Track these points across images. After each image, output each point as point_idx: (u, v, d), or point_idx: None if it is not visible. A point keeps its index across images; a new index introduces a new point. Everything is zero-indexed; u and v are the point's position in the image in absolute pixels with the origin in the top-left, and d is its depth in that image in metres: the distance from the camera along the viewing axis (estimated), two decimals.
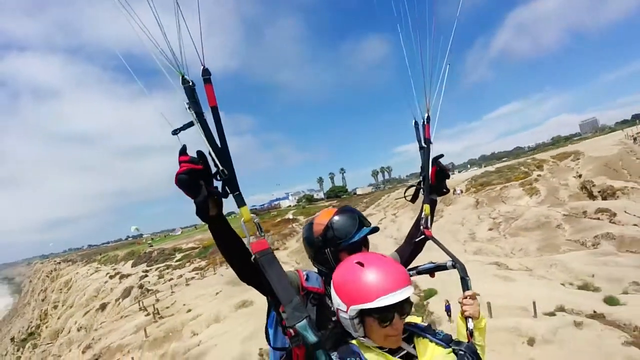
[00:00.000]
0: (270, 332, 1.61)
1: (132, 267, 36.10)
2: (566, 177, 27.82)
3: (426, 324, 1.45)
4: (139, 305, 23.78)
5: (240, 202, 1.29)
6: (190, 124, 1.26)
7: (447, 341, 1.37)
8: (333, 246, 1.64)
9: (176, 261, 33.73)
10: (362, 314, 1.26)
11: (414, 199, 2.15)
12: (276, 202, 70.01)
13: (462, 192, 33.26)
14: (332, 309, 1.39)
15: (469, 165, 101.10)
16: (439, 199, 2.11)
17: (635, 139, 32.39)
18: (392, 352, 1.31)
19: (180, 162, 1.20)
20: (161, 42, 1.21)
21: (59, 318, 33.23)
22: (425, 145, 2.04)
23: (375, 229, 1.73)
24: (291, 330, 1.26)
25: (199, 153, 1.21)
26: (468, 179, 35.37)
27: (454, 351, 1.34)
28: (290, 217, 44.96)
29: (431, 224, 1.99)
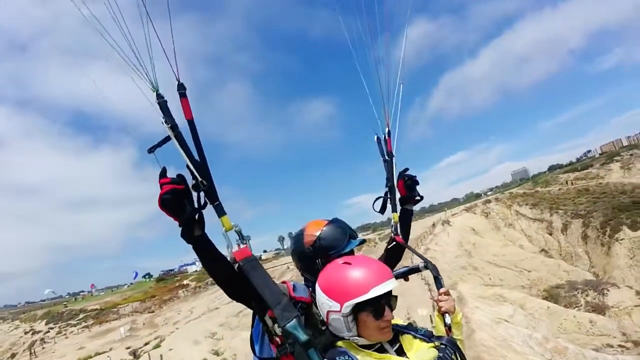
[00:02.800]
0: (256, 344, 1.62)
1: (45, 324, 46.71)
2: None
3: (406, 323, 1.58)
4: (31, 352, 35.60)
5: (221, 212, 1.37)
6: (167, 139, 1.34)
7: (428, 336, 1.50)
8: (324, 257, 1.69)
9: (77, 320, 45.11)
10: (356, 310, 1.33)
11: (382, 209, 2.27)
12: (184, 267, 75.50)
13: None
14: (320, 317, 1.47)
15: None
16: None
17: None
18: (380, 352, 1.39)
19: (161, 185, 1.26)
20: (133, 60, 1.29)
21: None
22: (389, 158, 2.27)
23: (363, 241, 1.88)
24: (278, 339, 1.37)
25: (179, 175, 1.29)
26: None
27: (435, 346, 1.46)
28: (185, 282, 57.22)
29: (402, 232, 2.19)
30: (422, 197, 2.23)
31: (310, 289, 1.70)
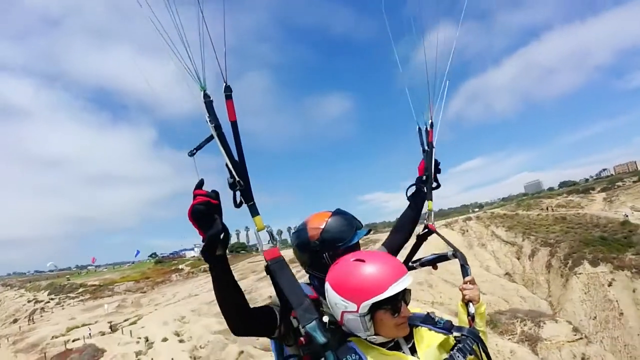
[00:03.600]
0: (273, 345, 1.64)
1: (47, 295, 51.89)
2: None
3: (425, 314, 1.52)
4: (29, 319, 40.38)
5: (254, 211, 1.41)
6: (210, 139, 1.37)
7: (447, 328, 1.47)
8: (332, 249, 1.64)
9: (76, 294, 49.89)
10: (373, 309, 1.31)
11: (413, 196, 2.30)
12: (182, 252, 78.12)
13: None
14: (329, 315, 1.41)
15: None
16: None
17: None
18: (394, 349, 1.39)
19: (195, 195, 1.26)
20: (185, 59, 1.33)
21: None
22: (428, 149, 2.30)
23: (369, 231, 1.84)
24: (302, 339, 1.40)
25: (214, 191, 1.29)
26: None
27: (455, 337, 1.43)
28: (180, 267, 61.28)
29: (414, 205, 2.23)
30: (439, 185, 2.29)
31: (313, 286, 1.71)
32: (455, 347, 1.40)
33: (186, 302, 39.62)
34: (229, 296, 1.36)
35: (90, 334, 31.17)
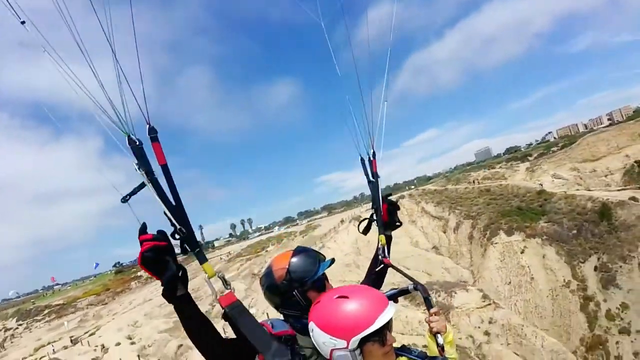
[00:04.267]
0: None
1: (15, 321, 53.16)
2: None
3: (400, 345, 1.59)
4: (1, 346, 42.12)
5: (202, 259, 1.35)
6: (142, 186, 1.29)
7: (422, 357, 1.54)
8: (300, 286, 1.69)
9: (42, 316, 51.37)
10: (362, 343, 1.34)
11: (366, 231, 2.36)
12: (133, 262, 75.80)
13: None
14: (302, 350, 1.47)
15: None
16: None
17: None
18: None
19: (141, 242, 1.22)
20: (104, 104, 1.25)
21: None
22: (374, 179, 2.29)
23: (332, 261, 1.84)
24: None
25: (161, 232, 1.25)
26: None
27: None
28: (139, 273, 62.70)
29: (388, 254, 2.22)
30: (401, 223, 2.29)
31: (288, 324, 1.69)
32: None
33: (141, 307, 41.66)
34: (198, 332, 1.36)
35: (54, 349, 33.13)
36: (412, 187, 72.27)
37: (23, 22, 1.27)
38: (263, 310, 30.23)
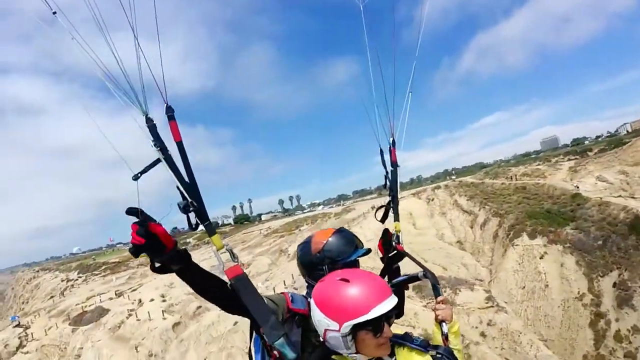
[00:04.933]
0: (257, 353, 1.74)
1: (77, 274, 62.95)
2: None
3: (403, 333, 1.61)
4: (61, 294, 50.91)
5: (211, 231, 1.46)
6: (157, 162, 1.40)
7: (424, 346, 1.56)
8: (330, 263, 1.84)
9: (99, 271, 60.29)
10: (354, 329, 1.36)
11: (383, 219, 2.47)
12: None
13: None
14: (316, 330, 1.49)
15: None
16: None
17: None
18: None
19: (131, 229, 1.32)
20: (123, 81, 1.34)
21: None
22: (393, 169, 2.41)
23: (368, 251, 1.95)
24: (276, 353, 1.44)
25: (142, 224, 1.31)
26: None
27: (432, 356, 1.53)
28: (188, 240, 69.63)
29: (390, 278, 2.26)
30: (397, 254, 2.32)
31: (309, 299, 1.75)
32: None
33: None
34: (206, 289, 1.49)
35: (100, 299, 40.24)
36: (453, 176, 70.91)
37: (54, 13, 1.38)
38: (275, 285, 33.78)
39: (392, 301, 1.40)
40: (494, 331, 27.43)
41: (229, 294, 1.48)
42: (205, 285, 1.49)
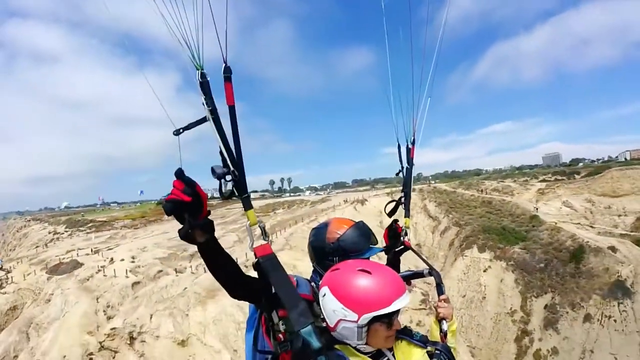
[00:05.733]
0: (249, 331, 1.75)
1: (64, 228, 67.49)
2: None
3: (402, 327, 1.61)
4: (45, 245, 55.42)
5: (248, 205, 1.42)
6: (201, 121, 1.35)
7: (423, 342, 1.61)
8: (342, 256, 1.82)
9: (85, 228, 64.71)
10: (371, 321, 1.40)
11: (392, 213, 2.52)
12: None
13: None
14: (321, 315, 1.51)
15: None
16: None
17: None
18: (374, 358, 1.50)
19: (173, 186, 1.26)
20: (181, 36, 1.29)
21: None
22: (409, 166, 2.51)
23: (382, 249, 1.98)
24: (281, 335, 1.45)
25: (191, 184, 1.26)
26: None
27: (429, 352, 1.59)
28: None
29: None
30: (404, 249, 2.39)
31: (312, 284, 1.83)
32: None
33: (156, 237, 51.48)
34: (218, 272, 1.43)
35: (77, 254, 44.21)
36: (434, 181, 72.53)
37: None
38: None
39: (408, 296, 1.45)
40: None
41: (241, 280, 1.49)
42: (222, 263, 1.44)
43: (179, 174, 1.26)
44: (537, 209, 38.17)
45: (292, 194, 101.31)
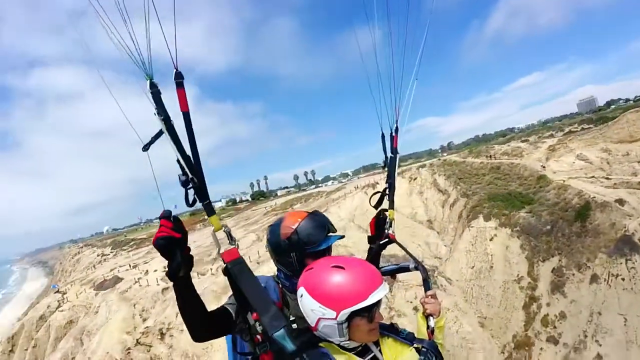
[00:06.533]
0: (228, 337, 1.80)
1: (110, 249, 75.45)
2: None
3: (389, 323, 1.69)
4: (94, 266, 62.87)
5: (210, 211, 1.46)
6: (160, 134, 1.39)
7: (410, 339, 1.65)
8: (299, 251, 1.82)
9: (127, 247, 72.06)
10: (350, 316, 1.44)
11: (377, 204, 2.50)
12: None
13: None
14: (290, 319, 1.60)
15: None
16: None
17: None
18: (360, 354, 1.55)
19: (160, 225, 1.37)
20: (129, 42, 1.28)
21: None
22: (393, 155, 2.52)
23: (342, 237, 1.93)
24: (258, 337, 1.49)
25: (177, 220, 1.39)
26: None
27: (416, 349, 1.63)
28: (205, 217, 78.89)
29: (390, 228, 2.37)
30: (388, 241, 2.39)
31: (279, 279, 1.92)
32: None
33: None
34: (189, 309, 1.51)
35: (119, 270, 50.60)
36: (445, 154, 71.34)
37: None
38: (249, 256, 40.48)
39: (385, 287, 1.50)
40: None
41: (207, 318, 1.57)
42: (195, 298, 1.51)
43: (167, 215, 1.39)
44: (544, 167, 37.26)
45: (323, 184, 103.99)
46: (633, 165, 36.44)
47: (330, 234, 1.90)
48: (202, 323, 1.58)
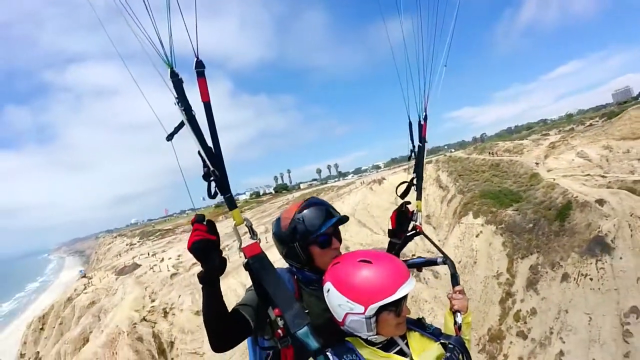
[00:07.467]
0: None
1: (138, 239, 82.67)
2: None
3: (416, 318, 1.73)
4: (120, 254, 70.38)
5: (231, 204, 1.47)
6: (182, 125, 1.41)
7: (437, 335, 1.69)
8: (302, 240, 1.83)
9: (153, 237, 79.04)
10: (379, 311, 1.47)
11: (404, 194, 2.57)
12: (236, 197, 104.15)
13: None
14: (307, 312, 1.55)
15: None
16: None
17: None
18: (385, 348, 1.58)
19: (194, 229, 1.41)
20: (151, 31, 1.28)
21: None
22: (421, 144, 2.51)
23: (345, 219, 1.92)
24: (279, 331, 1.52)
25: (211, 224, 1.43)
26: None
27: (443, 344, 1.65)
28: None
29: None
30: (413, 233, 2.43)
31: (295, 277, 1.90)
32: (444, 357, 1.62)
33: None
34: (214, 314, 1.53)
35: (139, 258, 56.84)
36: (451, 150, 71.31)
37: None
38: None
39: (413, 281, 1.53)
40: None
41: (228, 331, 1.57)
42: (218, 308, 1.53)
43: (200, 219, 1.46)
44: (537, 164, 38.04)
45: (349, 177, 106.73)
46: (632, 163, 36.41)
47: (332, 217, 1.89)
48: (225, 331, 1.60)
